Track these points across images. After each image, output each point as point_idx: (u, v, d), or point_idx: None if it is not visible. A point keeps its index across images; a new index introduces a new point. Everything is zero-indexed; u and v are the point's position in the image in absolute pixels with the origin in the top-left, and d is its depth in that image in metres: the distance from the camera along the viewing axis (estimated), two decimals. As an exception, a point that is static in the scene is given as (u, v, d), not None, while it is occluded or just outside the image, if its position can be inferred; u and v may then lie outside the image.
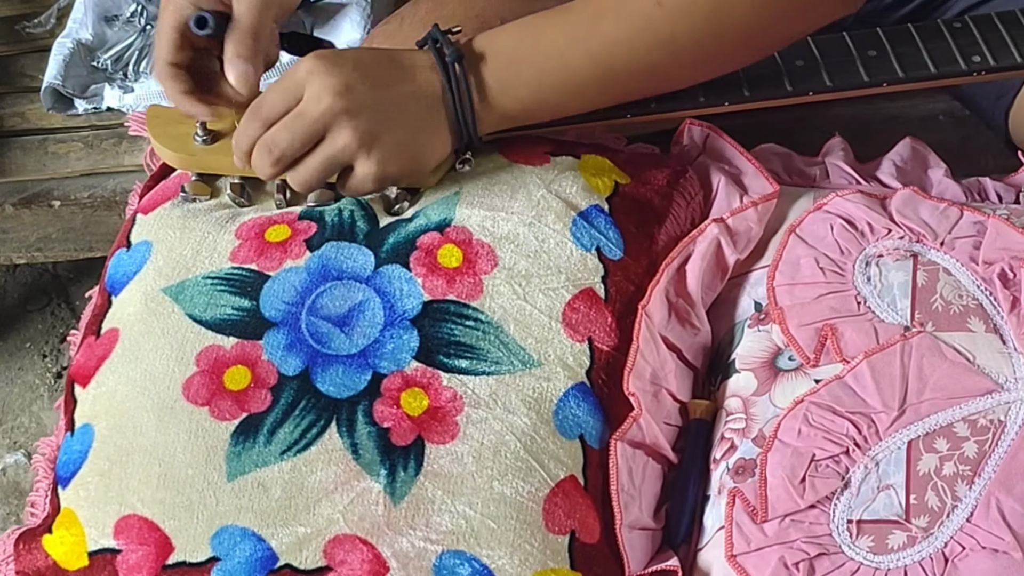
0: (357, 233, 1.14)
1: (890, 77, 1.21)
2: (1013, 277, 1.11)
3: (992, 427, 1.04)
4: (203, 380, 1.06)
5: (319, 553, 1.01)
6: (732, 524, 1.03)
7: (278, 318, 1.09)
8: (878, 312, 1.11)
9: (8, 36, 1.79)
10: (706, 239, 1.17)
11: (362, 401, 1.06)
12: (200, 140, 1.18)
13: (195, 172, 1.20)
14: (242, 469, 1.03)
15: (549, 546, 1.03)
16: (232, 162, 1.16)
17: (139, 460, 1.04)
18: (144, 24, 1.71)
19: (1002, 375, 1.06)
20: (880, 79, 1.21)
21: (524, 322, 1.10)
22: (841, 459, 1.04)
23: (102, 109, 1.67)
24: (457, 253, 1.12)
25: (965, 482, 1.02)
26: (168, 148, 1.19)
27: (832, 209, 1.17)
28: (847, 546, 1.01)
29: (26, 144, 1.68)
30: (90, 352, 1.12)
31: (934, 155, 1.29)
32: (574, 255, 1.14)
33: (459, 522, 1.02)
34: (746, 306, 1.18)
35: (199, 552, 1.01)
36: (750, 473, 1.06)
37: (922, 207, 1.17)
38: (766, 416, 1.09)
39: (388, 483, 1.03)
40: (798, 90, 1.21)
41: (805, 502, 1.02)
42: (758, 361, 1.12)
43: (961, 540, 1.00)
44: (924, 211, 1.16)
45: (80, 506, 1.05)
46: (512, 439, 1.05)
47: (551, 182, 1.17)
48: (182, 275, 1.12)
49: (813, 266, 1.14)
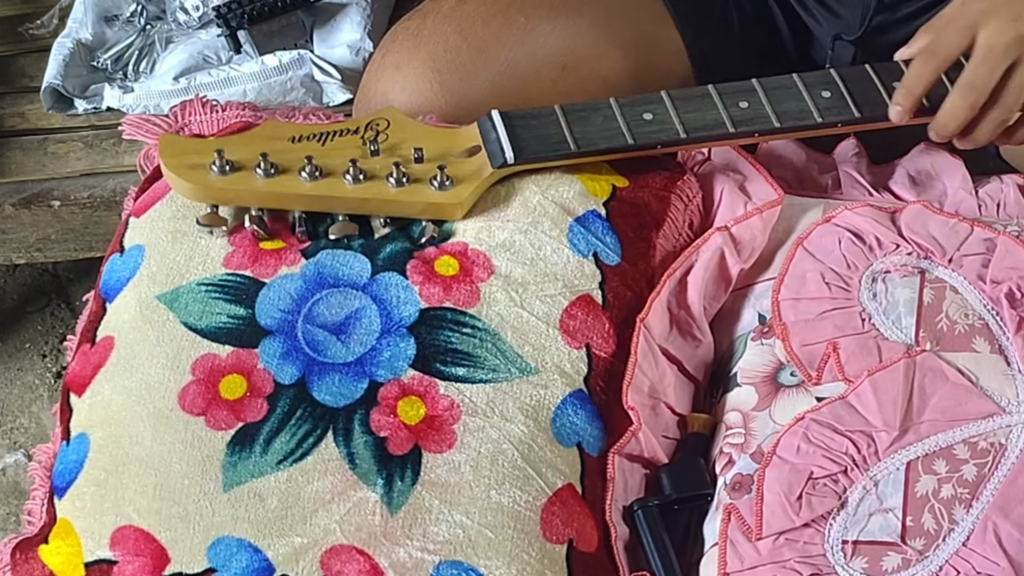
0: (352, 242, 1.13)
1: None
2: (1021, 297, 1.10)
3: (992, 450, 1.03)
4: (199, 389, 1.06)
5: (315, 564, 1.00)
6: (726, 541, 1.03)
7: (274, 326, 1.09)
8: (882, 330, 1.10)
9: (8, 36, 1.79)
10: (709, 249, 1.16)
11: (359, 410, 1.05)
12: (216, 171, 1.14)
13: (210, 204, 1.16)
14: (238, 479, 1.03)
15: (547, 555, 1.03)
16: (250, 192, 1.14)
17: (135, 470, 1.04)
18: (144, 24, 1.70)
19: (1004, 398, 1.06)
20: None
21: (521, 329, 1.10)
22: (839, 478, 1.03)
23: (102, 109, 1.67)
24: (454, 263, 1.12)
25: (963, 505, 1.01)
26: (183, 179, 1.15)
27: (840, 222, 1.16)
28: (841, 567, 1.01)
29: (26, 144, 1.67)
30: (85, 360, 1.12)
31: (950, 159, 1.28)
32: (571, 261, 1.13)
33: (456, 532, 1.02)
34: (750, 318, 1.17)
35: (195, 563, 1.01)
36: (747, 489, 1.05)
37: (932, 222, 1.16)
38: (765, 432, 1.08)
39: (385, 493, 1.03)
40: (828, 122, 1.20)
41: (801, 520, 1.02)
42: (760, 375, 1.12)
43: (956, 564, 0.99)
44: (934, 226, 1.16)
45: (76, 516, 1.04)
46: (509, 447, 1.05)
47: (548, 187, 1.17)
48: (176, 281, 1.12)
49: (819, 281, 1.13)
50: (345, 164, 1.14)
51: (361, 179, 1.14)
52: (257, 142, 1.16)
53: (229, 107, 1.27)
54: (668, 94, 1.19)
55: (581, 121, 1.18)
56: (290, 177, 1.14)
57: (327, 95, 1.63)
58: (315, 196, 1.14)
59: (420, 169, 1.15)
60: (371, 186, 1.14)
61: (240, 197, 1.15)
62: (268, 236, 1.15)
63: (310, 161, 1.14)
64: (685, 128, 1.17)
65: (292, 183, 1.14)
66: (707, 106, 1.19)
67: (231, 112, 1.26)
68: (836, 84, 1.20)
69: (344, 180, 1.14)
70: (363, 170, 1.14)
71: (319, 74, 1.62)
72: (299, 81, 1.62)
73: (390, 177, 1.14)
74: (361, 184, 1.14)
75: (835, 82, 1.20)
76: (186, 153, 1.16)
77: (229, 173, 1.14)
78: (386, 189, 1.14)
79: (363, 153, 1.16)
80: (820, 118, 1.18)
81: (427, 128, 1.21)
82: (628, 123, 1.17)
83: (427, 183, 1.15)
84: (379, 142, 1.17)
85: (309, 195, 1.14)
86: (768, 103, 1.19)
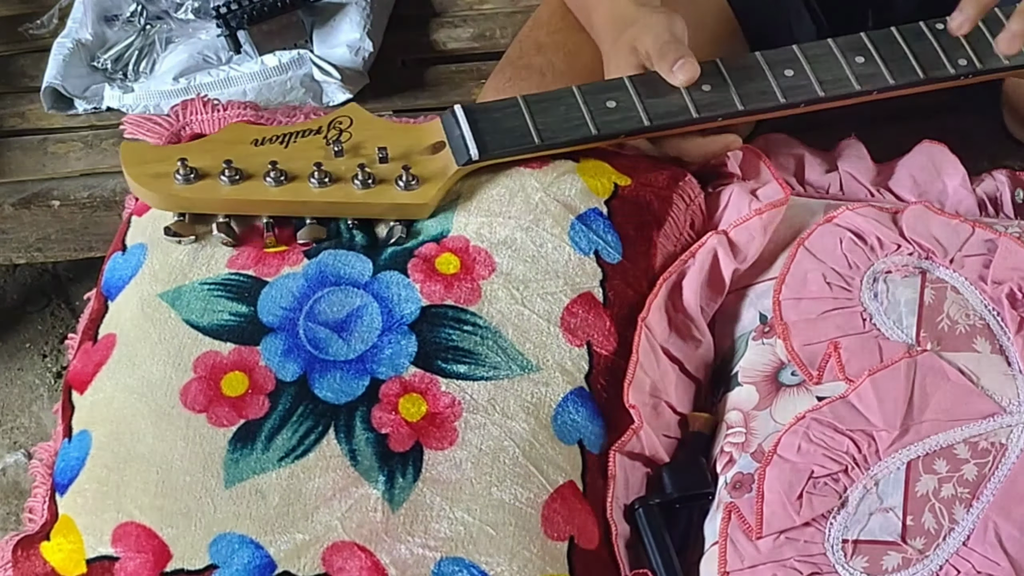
0: (355, 244, 1.14)
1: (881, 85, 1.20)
2: (1021, 298, 1.10)
3: (993, 450, 1.03)
4: (200, 386, 1.06)
5: (317, 560, 1.01)
6: (727, 540, 1.03)
7: (276, 324, 1.09)
8: (883, 330, 1.10)
9: (8, 36, 1.79)
10: (704, 252, 1.16)
11: (360, 407, 1.05)
12: (181, 179, 1.12)
13: (176, 212, 1.14)
14: (240, 476, 1.03)
15: (548, 552, 1.03)
16: (216, 200, 1.12)
17: (137, 467, 1.04)
18: (144, 24, 1.71)
19: (1005, 397, 1.06)
20: (870, 88, 1.20)
21: (522, 327, 1.10)
22: (840, 477, 1.04)
23: (102, 109, 1.67)
24: (455, 261, 1.12)
25: (963, 505, 1.01)
26: (146, 188, 1.13)
27: (842, 222, 1.16)
28: (841, 566, 1.01)
29: (26, 144, 1.68)
30: (87, 358, 1.12)
31: (951, 159, 1.28)
32: (572, 259, 1.13)
33: (458, 529, 1.02)
34: (751, 318, 1.17)
35: (197, 559, 1.01)
36: (747, 488, 1.05)
37: (933, 223, 1.16)
38: (766, 431, 1.08)
39: (386, 489, 1.03)
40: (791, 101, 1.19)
41: (801, 519, 1.02)
42: (760, 375, 1.12)
43: (956, 564, 0.99)
44: (935, 227, 1.16)
45: (78, 513, 1.04)
46: (511, 445, 1.05)
47: (549, 185, 1.17)
48: (178, 280, 1.12)
49: (820, 281, 1.13)
50: (310, 167, 1.13)
51: (327, 182, 1.13)
52: (220, 147, 1.14)
53: (230, 106, 1.27)
54: (631, 79, 1.18)
55: (544, 112, 1.17)
56: (255, 183, 1.13)
57: (327, 95, 1.63)
58: (282, 201, 1.13)
59: (385, 169, 1.14)
60: (337, 189, 1.13)
61: (206, 205, 1.13)
62: (236, 243, 1.14)
63: (275, 166, 1.12)
64: (649, 116, 1.16)
65: (258, 189, 1.13)
66: (669, 90, 1.18)
67: (232, 111, 1.26)
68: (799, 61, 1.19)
69: (310, 184, 1.13)
70: (328, 172, 1.13)
71: (319, 74, 1.62)
72: (299, 81, 1.62)
73: (355, 179, 1.13)
74: (327, 187, 1.13)
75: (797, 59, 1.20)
76: (148, 162, 1.14)
77: (194, 181, 1.12)
78: (352, 191, 1.13)
79: (327, 154, 1.15)
80: (783, 98, 1.18)
81: (390, 125, 1.19)
82: (592, 112, 1.17)
83: (393, 183, 1.14)
84: (342, 141, 1.15)
85: (275, 201, 1.13)
86: (731, 84, 1.18)
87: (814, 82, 1.19)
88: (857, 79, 1.19)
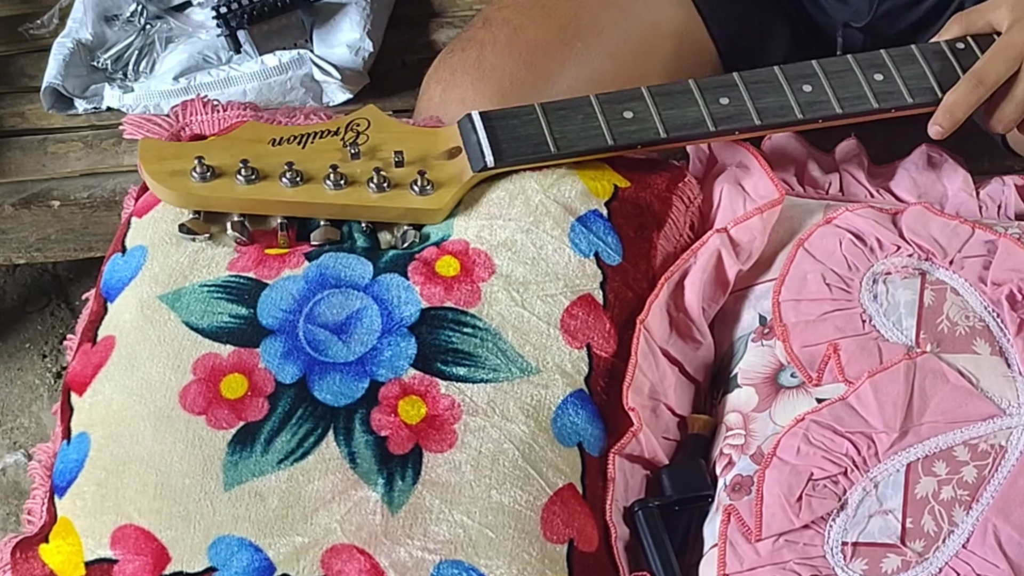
0: (356, 247, 1.14)
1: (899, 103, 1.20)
2: (1021, 299, 1.10)
3: (992, 452, 1.03)
4: (200, 388, 1.06)
5: (316, 563, 1.00)
6: (726, 542, 1.03)
7: (275, 326, 1.09)
8: (883, 331, 1.10)
9: (8, 36, 1.79)
10: (707, 251, 1.16)
11: (359, 409, 1.05)
12: (197, 177, 1.13)
13: (192, 210, 1.14)
14: (239, 478, 1.03)
15: (547, 555, 1.03)
16: (232, 199, 1.13)
17: (136, 469, 1.04)
18: (144, 24, 1.71)
19: (1005, 399, 1.06)
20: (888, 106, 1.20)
21: (522, 329, 1.10)
22: (839, 479, 1.03)
23: (102, 109, 1.67)
24: (455, 263, 1.12)
25: (963, 507, 1.01)
26: (163, 185, 1.13)
27: (841, 223, 1.16)
28: (840, 568, 1.01)
29: (26, 144, 1.67)
30: (86, 359, 1.12)
31: (951, 161, 1.28)
32: (572, 261, 1.13)
33: (457, 531, 1.02)
34: (750, 319, 1.17)
35: (196, 562, 1.01)
36: (747, 490, 1.05)
37: (933, 224, 1.16)
38: (765, 433, 1.08)
39: (386, 492, 1.03)
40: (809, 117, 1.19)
41: (800, 521, 1.02)
42: (760, 376, 1.12)
43: (956, 567, 0.99)
44: (935, 228, 1.16)
45: (77, 516, 1.04)
46: (510, 447, 1.05)
47: (550, 187, 1.17)
48: (179, 283, 1.12)
49: (820, 282, 1.13)
50: (326, 169, 1.13)
51: (342, 184, 1.13)
52: (237, 146, 1.15)
53: (230, 107, 1.27)
54: (648, 90, 1.18)
55: (561, 120, 1.17)
56: (271, 183, 1.13)
57: (327, 95, 1.63)
58: (296, 203, 1.14)
59: (401, 173, 1.15)
60: (352, 192, 1.14)
61: (222, 203, 1.14)
62: (250, 243, 1.14)
63: (291, 167, 1.13)
64: (665, 127, 1.16)
65: (273, 189, 1.13)
66: (688, 102, 1.18)
67: (232, 112, 1.26)
68: (818, 76, 1.19)
69: (325, 186, 1.13)
70: (344, 175, 1.13)
71: (319, 74, 1.62)
72: (299, 81, 1.62)
73: (371, 182, 1.13)
74: (342, 190, 1.13)
75: (816, 74, 1.19)
76: (166, 159, 1.15)
77: (210, 180, 1.13)
78: (367, 195, 1.14)
79: (343, 156, 1.15)
80: (801, 114, 1.18)
81: (407, 128, 1.20)
82: (608, 122, 1.17)
83: (408, 188, 1.14)
84: (359, 144, 1.16)
85: (290, 201, 1.13)
86: (750, 99, 1.18)
87: (832, 99, 1.19)
88: (876, 96, 1.19)
